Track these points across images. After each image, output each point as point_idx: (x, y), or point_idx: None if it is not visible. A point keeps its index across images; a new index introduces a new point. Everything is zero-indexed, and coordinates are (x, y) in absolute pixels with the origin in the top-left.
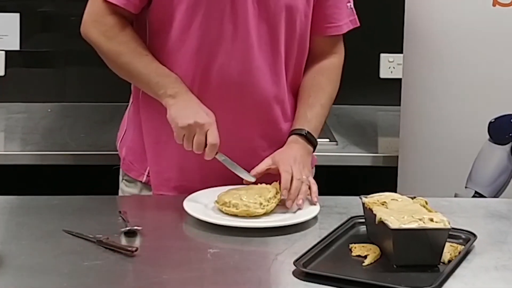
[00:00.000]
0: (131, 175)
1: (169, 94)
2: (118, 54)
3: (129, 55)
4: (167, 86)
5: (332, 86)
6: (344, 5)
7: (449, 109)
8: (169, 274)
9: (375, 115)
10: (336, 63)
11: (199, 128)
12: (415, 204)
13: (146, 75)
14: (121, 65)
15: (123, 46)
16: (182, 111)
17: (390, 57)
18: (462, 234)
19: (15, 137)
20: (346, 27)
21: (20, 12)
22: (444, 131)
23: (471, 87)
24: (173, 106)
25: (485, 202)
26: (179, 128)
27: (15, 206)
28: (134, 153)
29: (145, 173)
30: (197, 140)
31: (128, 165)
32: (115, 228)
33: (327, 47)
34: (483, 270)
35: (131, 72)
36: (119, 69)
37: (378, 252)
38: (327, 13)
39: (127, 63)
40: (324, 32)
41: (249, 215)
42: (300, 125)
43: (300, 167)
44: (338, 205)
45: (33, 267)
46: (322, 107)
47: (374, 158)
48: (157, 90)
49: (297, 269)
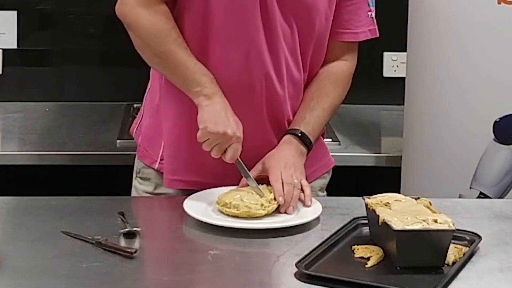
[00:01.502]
0: (145, 162)
1: (205, 94)
2: (160, 41)
3: (171, 44)
4: (203, 85)
5: (337, 92)
6: (364, 13)
7: (453, 109)
8: (169, 276)
9: (378, 114)
10: (345, 70)
11: (226, 139)
12: (419, 205)
13: (184, 69)
14: (160, 53)
15: (166, 33)
16: (215, 116)
17: (393, 56)
18: (466, 235)
19: (12, 137)
20: (363, 36)
21: (18, 10)
22: (448, 131)
23: (476, 86)
24: (207, 108)
25: (490, 203)
26: (207, 133)
27: (12, 207)
28: (148, 139)
29: (158, 160)
30: (219, 149)
31: (143, 152)
32: (114, 229)
33: (339, 52)
34: (488, 272)
35: (169, 62)
36: (155, 57)
37: (381, 253)
38: (345, 18)
39: (166, 52)
40: (338, 37)
41: (250, 216)
42: (297, 126)
43: (291, 171)
44: (341, 206)
45: (31, 269)
46: (323, 111)
47: (377, 158)
48: (192, 87)
49: (299, 271)
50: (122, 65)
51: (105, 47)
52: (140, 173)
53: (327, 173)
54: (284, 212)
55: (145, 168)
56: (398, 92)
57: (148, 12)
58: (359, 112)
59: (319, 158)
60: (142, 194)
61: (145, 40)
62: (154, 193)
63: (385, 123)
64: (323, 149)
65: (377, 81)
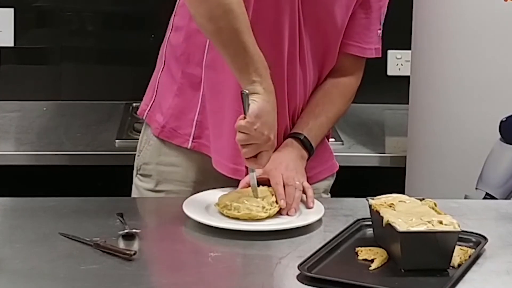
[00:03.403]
0: (175, 142)
1: (264, 87)
2: (235, 17)
3: (243, 25)
4: (265, 77)
5: (343, 101)
6: (375, 30)
7: (459, 108)
8: (168, 278)
9: (382, 113)
10: (353, 83)
11: (264, 141)
12: (423, 206)
13: (249, 55)
14: (230, 29)
15: (240, 11)
16: (267, 115)
17: (398, 54)
18: (472, 237)
19: (9, 137)
20: (369, 53)
21: (14, 7)
22: (454, 131)
23: (482, 84)
24: (262, 103)
25: (496, 204)
26: (252, 128)
27: (9, 208)
28: (176, 119)
29: (190, 139)
30: (255, 150)
31: (171, 132)
32: (113, 231)
33: (346, 64)
34: (494, 275)
35: (235, 43)
36: (220, 33)
37: (385, 255)
38: (356, 31)
39: (237, 31)
40: (345, 47)
41: (251, 219)
42: (299, 130)
43: (292, 174)
44: (344, 207)
45: (28, 271)
46: (327, 119)
47: (381, 158)
48: (252, 75)
49: (301, 273)
50: (121, 64)
51: (103, 45)
52: (141, 169)
53: (330, 176)
54: (286, 214)
55: (146, 165)
56: (402, 91)
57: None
58: (362, 111)
59: (323, 161)
60: (142, 192)
61: (218, 11)
62: (155, 190)
63: (389, 123)
64: (327, 153)
65: (381, 79)
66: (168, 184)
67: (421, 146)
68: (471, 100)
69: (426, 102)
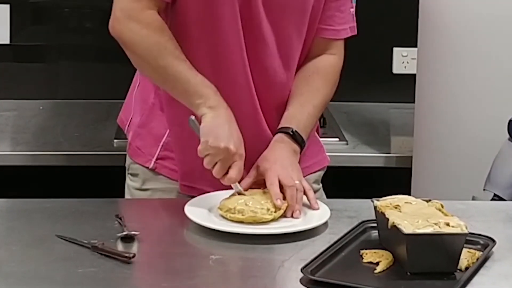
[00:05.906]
0: (138, 161)
1: (209, 106)
2: (157, 55)
3: (169, 58)
4: (206, 96)
5: (328, 88)
6: (347, 10)
7: (466, 107)
8: (168, 281)
9: (387, 113)
10: (334, 64)
11: (228, 156)
12: (430, 208)
13: (185, 82)
14: (158, 67)
15: (162, 46)
16: (218, 129)
17: (403, 51)
18: (480, 239)
19: (5, 136)
20: (344, 33)
21: (10, 4)
22: (461, 130)
23: (490, 82)
24: (211, 120)
25: (504, 205)
26: (208, 146)
27: (4, 209)
28: (142, 138)
29: (153, 159)
30: (220, 167)
31: (135, 150)
32: (111, 233)
33: (324, 47)
34: (503, 278)
35: (168, 77)
36: (154, 72)
37: (390, 258)
38: (328, 14)
39: (165, 66)
40: (319, 32)
41: (256, 222)
42: (287, 124)
43: (289, 172)
44: (348, 209)
45: (25, 274)
46: (314, 107)
47: (386, 158)
48: (194, 99)
49: (304, 276)
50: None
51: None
52: (129, 169)
53: (321, 170)
54: (290, 216)
55: (133, 164)
56: (408, 89)
57: (140, 26)
58: (367, 110)
59: (313, 155)
60: (132, 191)
61: (141, 56)
62: (142, 188)
63: (395, 122)
64: (317, 147)
65: (386, 78)
66: (154, 182)
67: (428, 146)
68: (479, 99)
69: (433, 100)
